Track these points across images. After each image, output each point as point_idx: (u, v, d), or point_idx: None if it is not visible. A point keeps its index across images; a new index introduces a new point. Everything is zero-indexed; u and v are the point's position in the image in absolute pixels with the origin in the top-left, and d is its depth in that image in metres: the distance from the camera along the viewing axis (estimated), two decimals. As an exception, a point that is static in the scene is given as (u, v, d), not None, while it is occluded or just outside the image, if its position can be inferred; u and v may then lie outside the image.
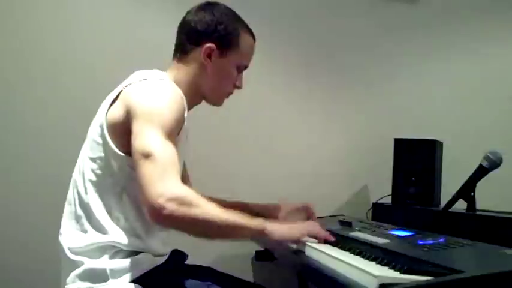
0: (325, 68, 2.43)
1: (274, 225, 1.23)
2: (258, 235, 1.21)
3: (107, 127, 1.23)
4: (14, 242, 2.00)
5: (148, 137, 1.12)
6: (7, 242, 1.99)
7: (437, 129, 2.39)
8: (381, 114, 2.48)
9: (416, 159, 2.12)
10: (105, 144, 1.24)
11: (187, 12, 1.41)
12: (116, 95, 1.27)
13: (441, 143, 2.20)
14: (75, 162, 1.35)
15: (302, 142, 2.38)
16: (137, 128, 1.15)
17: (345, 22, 2.46)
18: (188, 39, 1.38)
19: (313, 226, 1.35)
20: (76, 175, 1.31)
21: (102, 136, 1.24)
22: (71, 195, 1.31)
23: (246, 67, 1.45)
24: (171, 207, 1.04)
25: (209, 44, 1.35)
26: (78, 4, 2.13)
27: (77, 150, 1.36)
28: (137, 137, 1.13)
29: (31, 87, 2.06)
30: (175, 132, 1.20)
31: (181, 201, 1.06)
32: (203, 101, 1.45)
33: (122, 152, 1.21)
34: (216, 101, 1.45)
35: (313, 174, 2.37)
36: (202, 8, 1.40)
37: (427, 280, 0.90)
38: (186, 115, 1.27)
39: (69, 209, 1.30)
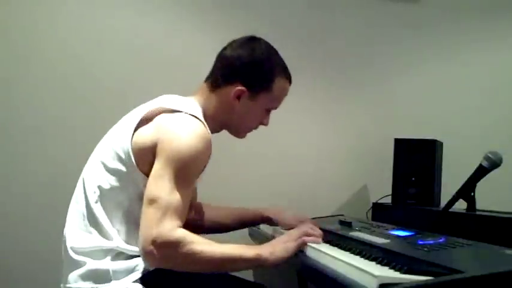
0: (325, 68, 2.42)
1: (268, 249, 1.21)
2: (257, 265, 1.21)
3: (133, 146, 1.23)
4: (14, 242, 2.00)
5: (162, 182, 1.14)
6: (7, 242, 1.99)
7: (437, 129, 2.39)
8: (380, 114, 2.47)
9: (416, 159, 2.12)
10: (128, 160, 1.23)
11: (229, 44, 1.41)
12: (148, 115, 1.26)
13: (441, 143, 2.20)
14: (74, 162, 1.36)
15: (302, 142, 2.38)
16: (158, 167, 1.17)
17: (344, 22, 2.46)
18: (222, 74, 1.37)
19: (305, 232, 1.31)
20: (87, 175, 1.31)
21: (127, 152, 1.23)
22: (79, 193, 1.31)
23: (275, 108, 1.45)
24: (159, 253, 1.09)
25: (241, 88, 1.34)
26: (78, 4, 2.13)
27: (76, 151, 1.36)
28: (153, 178, 1.16)
29: (31, 87, 2.07)
30: (193, 180, 1.23)
31: (172, 247, 1.10)
32: None
33: (140, 170, 1.22)
34: (238, 135, 1.47)
35: (313, 174, 2.37)
36: (243, 43, 1.38)
37: (427, 280, 0.90)
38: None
39: (76, 207, 1.30)
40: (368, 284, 0.93)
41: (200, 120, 1.27)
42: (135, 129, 1.25)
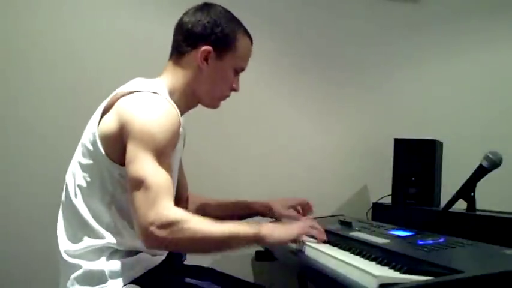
0: (325, 68, 2.42)
1: (269, 228, 1.22)
2: (255, 241, 1.21)
3: (99, 136, 1.22)
4: (14, 241, 2.00)
5: (141, 164, 1.12)
6: (7, 242, 1.99)
7: (437, 129, 2.39)
8: (380, 114, 2.47)
9: (416, 159, 2.12)
10: (96, 152, 1.22)
11: (184, 14, 1.39)
12: (110, 103, 1.26)
13: (441, 143, 2.20)
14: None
15: (302, 142, 2.38)
16: (131, 151, 1.15)
17: (344, 21, 2.45)
18: (184, 41, 1.36)
19: (309, 225, 1.34)
20: (68, 178, 1.31)
21: (94, 144, 1.23)
22: (64, 197, 1.31)
23: (243, 69, 1.43)
24: (162, 234, 1.07)
25: (206, 47, 1.33)
26: (78, 5, 2.13)
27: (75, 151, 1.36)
28: (131, 163, 1.14)
29: (31, 88, 2.07)
30: (169, 153, 1.20)
31: (172, 226, 1.08)
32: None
33: (113, 161, 1.21)
34: (212, 104, 1.43)
35: (313, 174, 2.37)
36: (199, 9, 1.38)
37: (427, 280, 0.90)
38: (181, 130, 1.25)
39: (62, 211, 1.30)
40: (368, 284, 0.93)
41: (161, 95, 1.25)
42: (99, 120, 1.24)
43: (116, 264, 1.20)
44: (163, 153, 1.16)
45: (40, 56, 2.08)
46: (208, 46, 1.33)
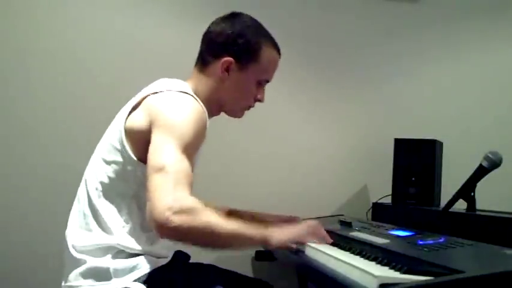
0: (324, 68, 2.42)
1: (276, 231, 1.22)
2: (261, 243, 1.21)
3: (126, 133, 1.23)
4: (15, 242, 2.00)
5: (164, 151, 1.11)
6: (8, 243, 1.99)
7: (437, 129, 2.39)
8: (380, 114, 2.47)
9: (416, 159, 2.12)
10: (123, 149, 1.23)
11: (212, 23, 1.40)
12: (138, 101, 1.26)
13: (441, 143, 2.20)
14: (75, 162, 1.36)
15: (302, 142, 2.38)
16: (156, 139, 1.14)
17: (344, 22, 2.45)
18: (208, 51, 1.37)
19: (315, 232, 1.33)
20: (89, 174, 1.31)
21: (121, 141, 1.23)
22: (81, 193, 1.31)
23: (267, 81, 1.43)
24: (176, 220, 1.04)
25: (227, 58, 1.34)
26: (79, 5, 2.13)
27: (76, 151, 1.36)
28: (154, 150, 1.13)
29: (31, 88, 2.07)
30: (195, 148, 1.20)
31: (188, 214, 1.05)
32: None
33: (139, 159, 1.21)
34: (235, 114, 1.45)
35: (313, 174, 2.37)
36: (225, 18, 1.38)
37: (427, 280, 0.90)
38: (206, 131, 1.26)
39: (78, 206, 1.30)
40: (368, 284, 0.93)
41: (190, 94, 1.26)
42: (127, 118, 1.25)
43: (121, 263, 1.20)
44: (189, 145, 1.15)
45: (40, 57, 2.08)
46: (230, 57, 1.34)
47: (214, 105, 1.39)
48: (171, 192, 1.06)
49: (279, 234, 1.22)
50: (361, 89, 2.47)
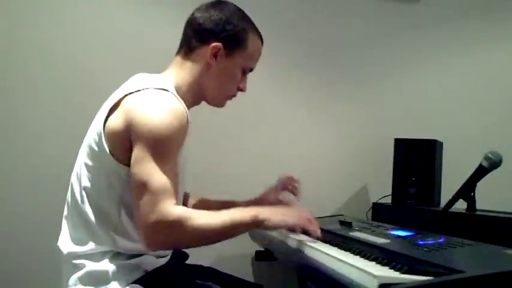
0: (324, 68, 2.42)
1: (267, 212, 1.22)
2: (254, 226, 1.21)
3: (106, 136, 1.20)
4: (15, 242, 2.00)
5: (145, 166, 1.12)
6: (7, 242, 1.99)
7: (437, 129, 2.39)
8: (381, 114, 2.47)
9: (416, 159, 2.12)
10: (102, 152, 1.20)
11: (196, 9, 1.38)
12: (115, 102, 1.23)
13: (441, 143, 2.20)
14: (75, 162, 1.35)
15: (302, 142, 2.38)
16: (138, 153, 1.14)
17: (344, 22, 2.46)
18: (195, 36, 1.34)
19: (307, 218, 1.31)
20: (74, 180, 1.28)
21: (100, 144, 1.20)
22: (69, 199, 1.29)
23: (251, 69, 1.42)
24: (162, 236, 1.10)
25: (216, 43, 1.31)
26: (79, 5, 2.13)
27: (76, 152, 1.35)
28: (136, 164, 1.13)
29: (32, 88, 2.07)
30: (175, 153, 1.19)
31: (173, 227, 1.10)
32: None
33: (120, 162, 1.18)
34: (218, 103, 1.41)
35: (313, 174, 2.37)
36: (211, 5, 1.36)
37: (427, 280, 0.90)
38: (188, 129, 1.23)
39: (68, 213, 1.28)
40: (368, 284, 0.93)
41: (169, 91, 1.23)
42: (105, 120, 1.22)
43: (119, 266, 1.19)
44: (169, 153, 1.16)
45: (41, 57, 2.08)
46: (219, 43, 1.32)
47: (197, 93, 1.36)
48: (153, 209, 1.09)
49: (271, 216, 1.22)
50: (362, 89, 2.47)
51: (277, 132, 2.35)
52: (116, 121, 1.20)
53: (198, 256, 1.47)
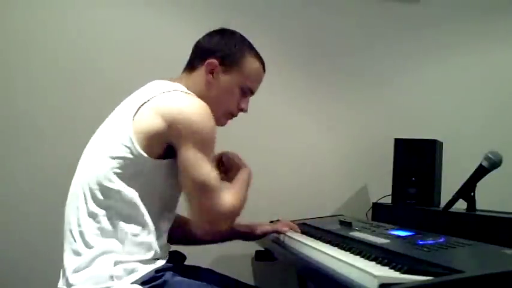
0: (324, 68, 2.42)
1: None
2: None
3: (136, 135, 1.22)
4: (16, 242, 2.00)
5: (200, 166, 1.23)
6: (7, 242, 1.99)
7: (437, 129, 2.39)
8: (381, 114, 2.47)
9: (416, 159, 2.12)
10: (132, 148, 1.21)
11: (202, 37, 1.46)
12: (143, 101, 1.26)
13: (441, 143, 2.20)
14: (76, 160, 1.35)
15: (302, 142, 2.38)
16: (188, 154, 1.22)
17: (344, 22, 2.46)
18: (196, 57, 1.42)
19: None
20: (84, 181, 1.27)
21: (129, 141, 1.21)
22: (75, 202, 1.27)
23: (251, 91, 1.47)
24: (230, 221, 1.32)
25: (212, 60, 1.38)
26: (80, 5, 2.13)
27: (77, 151, 1.35)
28: (192, 167, 1.22)
29: (32, 88, 2.07)
30: (214, 149, 1.29)
31: (233, 212, 1.29)
32: None
33: (152, 157, 1.22)
34: (218, 121, 1.41)
35: (313, 174, 2.37)
36: (217, 31, 1.45)
37: (427, 280, 0.90)
38: None
39: (65, 227, 1.28)
40: (368, 284, 0.93)
41: (193, 95, 1.32)
42: (134, 117, 1.24)
43: (120, 266, 1.20)
44: (212, 150, 1.27)
45: (41, 57, 2.08)
46: (214, 59, 1.38)
47: None
48: (222, 203, 1.25)
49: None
50: (362, 89, 2.47)
51: (277, 132, 2.35)
52: (148, 118, 1.23)
53: (198, 256, 1.47)
